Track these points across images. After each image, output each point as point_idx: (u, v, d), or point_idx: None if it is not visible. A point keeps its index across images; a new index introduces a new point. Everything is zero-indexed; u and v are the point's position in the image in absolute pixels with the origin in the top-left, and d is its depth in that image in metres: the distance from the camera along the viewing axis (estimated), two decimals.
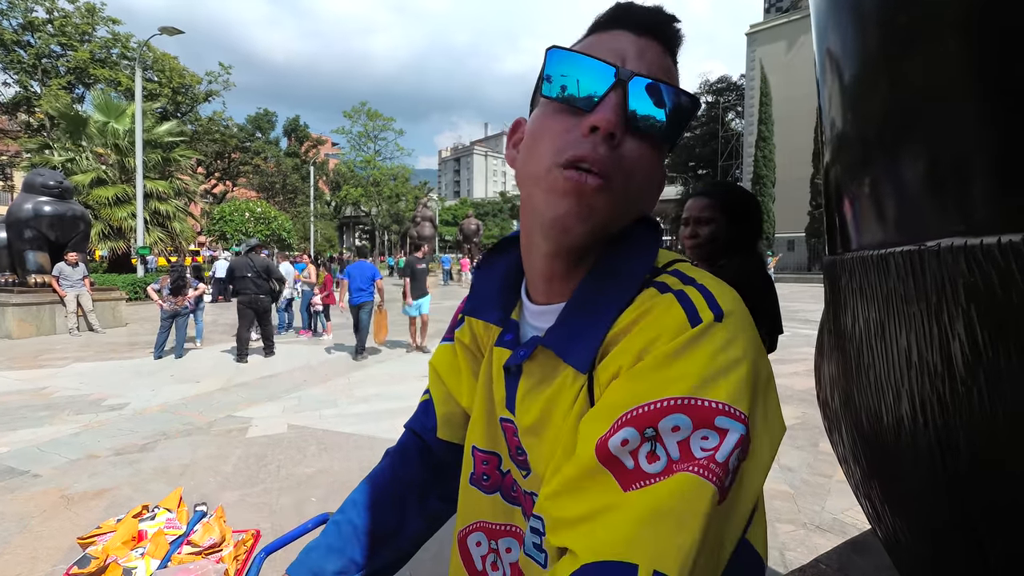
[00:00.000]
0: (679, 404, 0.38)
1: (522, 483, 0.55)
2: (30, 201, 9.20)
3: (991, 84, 0.50)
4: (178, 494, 1.03)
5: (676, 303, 0.42)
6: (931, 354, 0.55)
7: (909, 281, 0.58)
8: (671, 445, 0.37)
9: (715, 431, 0.37)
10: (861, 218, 0.73)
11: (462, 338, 0.64)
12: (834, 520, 2.78)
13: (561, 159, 0.44)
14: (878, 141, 0.67)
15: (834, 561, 1.27)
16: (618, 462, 0.38)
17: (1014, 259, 0.45)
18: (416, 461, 0.70)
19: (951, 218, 0.53)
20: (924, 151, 0.58)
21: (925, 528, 0.66)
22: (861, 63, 0.71)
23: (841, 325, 0.80)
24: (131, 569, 0.78)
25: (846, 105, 0.76)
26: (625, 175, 0.44)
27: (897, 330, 0.61)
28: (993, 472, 0.51)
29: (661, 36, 0.47)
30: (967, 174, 0.53)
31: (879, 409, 0.67)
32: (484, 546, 0.61)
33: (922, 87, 0.57)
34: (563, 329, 0.48)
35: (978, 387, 0.50)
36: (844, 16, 0.73)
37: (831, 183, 0.82)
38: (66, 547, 2.48)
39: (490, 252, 0.62)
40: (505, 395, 0.55)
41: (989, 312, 0.48)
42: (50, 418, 4.41)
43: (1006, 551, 0.52)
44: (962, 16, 0.51)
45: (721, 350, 0.39)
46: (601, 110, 0.43)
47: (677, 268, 0.47)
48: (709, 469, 0.36)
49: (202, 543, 0.89)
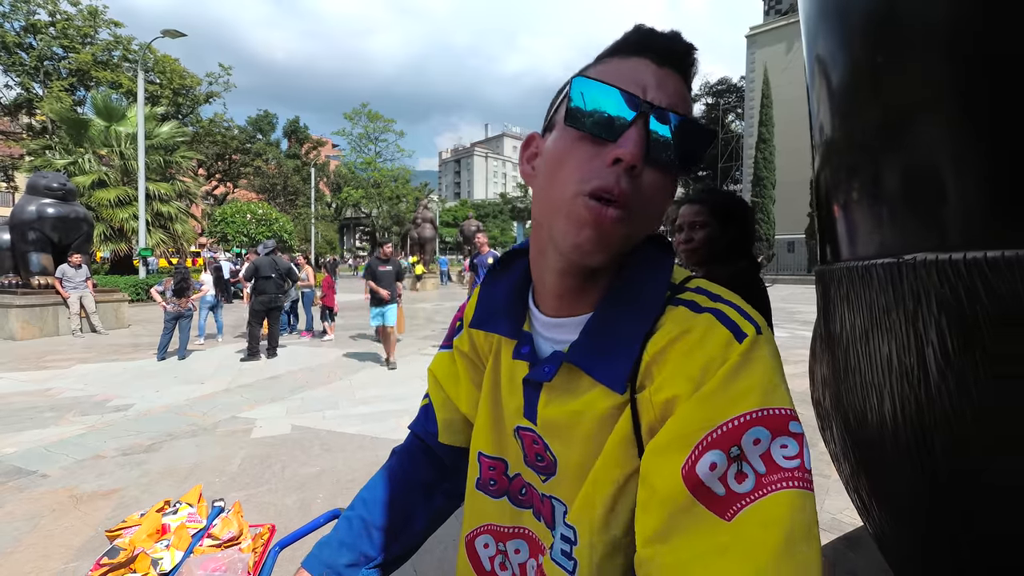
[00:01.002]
0: (756, 417, 0.39)
1: (540, 487, 0.57)
2: (33, 203, 9.24)
3: (959, 114, 0.55)
4: (198, 490, 1.08)
5: (717, 322, 0.44)
6: (908, 358, 0.60)
7: (889, 291, 0.63)
8: (755, 461, 0.38)
9: (791, 436, 0.39)
10: (846, 231, 0.78)
11: (460, 346, 0.66)
12: (832, 519, 2.82)
13: (585, 188, 0.45)
14: (859, 158, 0.73)
15: (828, 555, 1.32)
16: (708, 491, 0.38)
17: (977, 274, 0.50)
18: (421, 461, 0.73)
19: (925, 235, 0.58)
20: (900, 171, 0.63)
21: (907, 520, 0.71)
22: (846, 77, 0.76)
23: (830, 330, 0.85)
24: (158, 560, 0.83)
25: (832, 116, 0.81)
26: (643, 204, 0.46)
27: (879, 336, 0.66)
28: (963, 466, 0.56)
29: (680, 66, 0.48)
30: (939, 195, 0.57)
31: (864, 409, 0.72)
32: (492, 548, 0.63)
33: (898, 112, 0.62)
34: (589, 346, 0.49)
35: (948, 389, 0.54)
36: (829, 33, 0.77)
37: (820, 192, 0.87)
38: (76, 545, 2.52)
39: (495, 267, 0.63)
40: (523, 405, 0.56)
41: (957, 321, 0.53)
42: (56, 419, 4.45)
43: (977, 539, 0.57)
44: (929, 52, 0.56)
45: (772, 360, 0.42)
46: (624, 143, 0.44)
47: (700, 286, 0.49)
48: (804, 480, 0.38)
49: (221, 536, 0.94)
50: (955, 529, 0.60)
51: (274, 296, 7.15)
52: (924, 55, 0.58)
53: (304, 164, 41.09)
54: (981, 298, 0.50)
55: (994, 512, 0.54)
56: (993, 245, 0.49)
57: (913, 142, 0.60)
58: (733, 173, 42.74)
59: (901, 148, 0.62)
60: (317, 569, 0.64)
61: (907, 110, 0.61)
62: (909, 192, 0.63)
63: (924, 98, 0.58)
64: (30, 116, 23.20)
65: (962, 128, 0.55)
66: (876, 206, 0.69)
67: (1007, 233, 0.50)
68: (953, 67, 0.55)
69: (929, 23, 0.57)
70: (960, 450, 0.56)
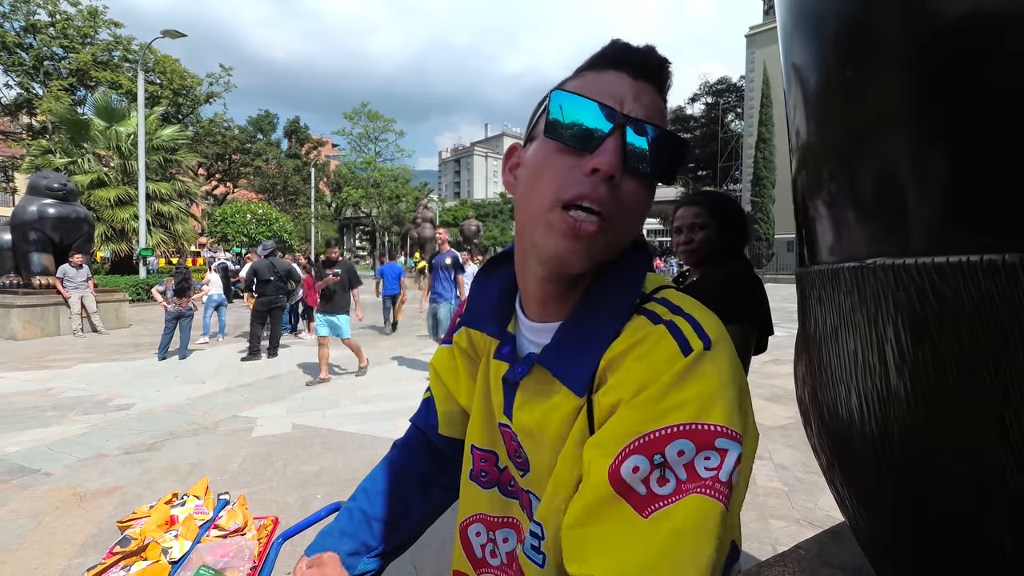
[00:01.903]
0: (682, 430, 0.41)
1: (520, 481, 0.60)
2: (34, 203, 9.28)
3: (912, 129, 0.59)
4: (204, 483, 1.11)
5: (668, 334, 0.45)
6: (871, 356, 0.64)
7: (854, 293, 0.67)
8: (678, 469, 0.41)
9: (716, 451, 0.41)
10: (819, 236, 0.83)
11: (459, 342, 0.68)
12: (827, 516, 2.85)
13: (563, 197, 0.46)
14: (828, 166, 0.77)
15: (813, 547, 1.36)
16: (631, 490, 0.41)
17: (927, 278, 0.54)
18: (420, 453, 0.75)
19: (884, 241, 0.63)
20: (863, 180, 0.68)
21: (875, 509, 0.75)
22: (816, 85, 0.79)
23: (807, 329, 0.90)
24: (167, 548, 0.86)
25: (804, 122, 0.85)
26: (623, 213, 0.47)
27: (846, 335, 0.70)
28: (917, 456, 0.60)
29: (655, 79, 0.50)
30: (895, 204, 0.62)
31: (835, 403, 0.76)
32: (483, 536, 0.66)
33: (861, 123, 0.67)
34: (558, 350, 0.51)
35: (904, 384, 0.59)
36: (801, 41, 0.81)
37: (797, 198, 0.91)
38: (80, 542, 2.56)
39: (486, 268, 0.65)
40: (503, 402, 0.58)
41: (910, 320, 0.57)
42: (58, 418, 4.49)
43: (933, 526, 0.61)
44: (888, 68, 0.61)
45: (714, 377, 0.43)
46: (602, 153, 0.45)
47: (664, 296, 0.51)
48: (716, 489, 0.40)
49: (227, 527, 0.97)
50: (915, 515, 0.64)
51: (274, 297, 7.21)
52: (883, 68, 0.62)
53: (304, 164, 41.14)
54: (930, 300, 0.54)
55: (946, 499, 0.58)
56: (940, 252, 0.53)
57: (873, 153, 0.64)
58: (733, 173, 42.77)
59: (863, 158, 0.66)
60: None
61: (868, 122, 0.65)
62: (870, 200, 0.67)
63: (882, 111, 0.62)
64: (30, 116, 23.21)
65: (915, 141, 0.59)
66: (843, 213, 0.74)
67: (952, 240, 0.54)
68: (906, 83, 0.59)
69: (888, 37, 0.61)
70: (914, 440, 0.60)
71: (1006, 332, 0.47)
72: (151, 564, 0.83)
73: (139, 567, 0.82)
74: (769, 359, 6.92)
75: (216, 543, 0.85)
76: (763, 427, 4.21)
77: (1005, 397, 0.48)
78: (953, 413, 0.54)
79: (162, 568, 0.82)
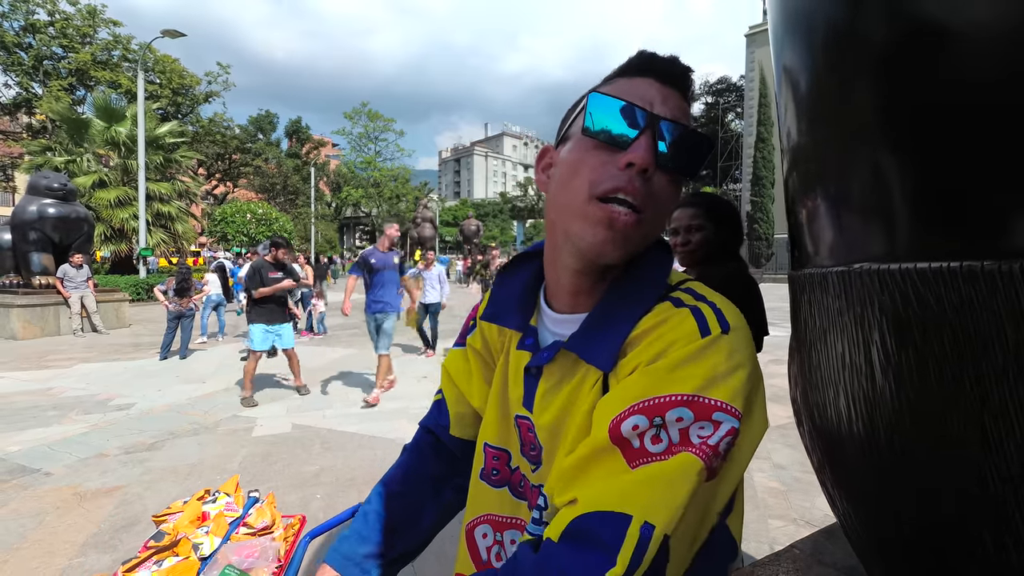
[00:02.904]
0: (685, 400, 0.44)
1: (530, 477, 0.61)
2: (34, 203, 9.29)
3: (894, 137, 0.60)
4: (235, 480, 1.14)
5: (691, 316, 0.49)
6: (858, 357, 0.65)
7: (842, 297, 0.68)
8: (673, 432, 0.44)
9: (712, 423, 0.44)
10: (808, 239, 0.84)
11: (474, 344, 0.70)
12: (824, 516, 2.86)
13: (598, 191, 0.50)
14: (815, 171, 0.78)
15: (808, 546, 1.37)
16: (627, 443, 0.45)
17: (909, 283, 0.55)
18: (430, 456, 0.76)
19: (869, 246, 0.64)
20: (849, 186, 0.69)
21: (864, 509, 0.77)
22: (805, 90, 0.80)
23: (799, 331, 0.91)
24: (198, 544, 0.88)
25: (794, 126, 0.86)
26: (655, 206, 0.51)
27: (835, 337, 0.72)
28: (902, 457, 0.61)
29: (681, 85, 0.54)
30: (879, 210, 0.63)
31: (825, 403, 0.78)
32: (490, 538, 0.67)
33: (847, 130, 0.68)
34: (584, 336, 0.54)
35: (889, 384, 0.60)
36: (792, 46, 0.82)
37: (787, 200, 0.93)
38: (80, 542, 2.57)
39: (509, 265, 0.69)
40: (523, 394, 0.61)
41: (894, 323, 0.58)
42: (59, 418, 4.50)
43: (917, 525, 0.62)
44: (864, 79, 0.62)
45: (725, 358, 0.46)
46: (636, 148, 0.49)
47: (690, 286, 0.54)
48: (702, 450, 0.43)
49: (256, 525, 0.99)
50: (901, 516, 0.66)
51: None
52: (863, 74, 0.63)
53: (304, 164, 41.12)
54: (913, 304, 0.55)
55: (930, 500, 0.60)
56: (921, 257, 0.55)
57: (857, 158, 0.66)
58: (732, 172, 42.78)
59: (848, 163, 0.68)
60: (338, 563, 0.67)
61: (852, 126, 0.67)
62: (855, 205, 0.68)
63: (864, 116, 0.64)
64: (30, 115, 23.21)
65: (897, 149, 0.60)
66: (830, 217, 0.75)
67: (931, 247, 0.55)
68: (883, 90, 0.61)
69: (870, 46, 0.62)
70: (898, 440, 0.61)
71: (985, 337, 0.49)
72: (181, 560, 0.85)
73: (170, 562, 0.84)
74: (769, 359, 6.93)
75: (242, 543, 0.87)
76: None
77: (984, 400, 0.49)
78: (936, 415, 0.55)
79: (191, 565, 0.84)
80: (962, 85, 0.52)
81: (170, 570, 0.82)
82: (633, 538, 0.41)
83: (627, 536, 0.41)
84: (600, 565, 0.41)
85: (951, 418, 0.53)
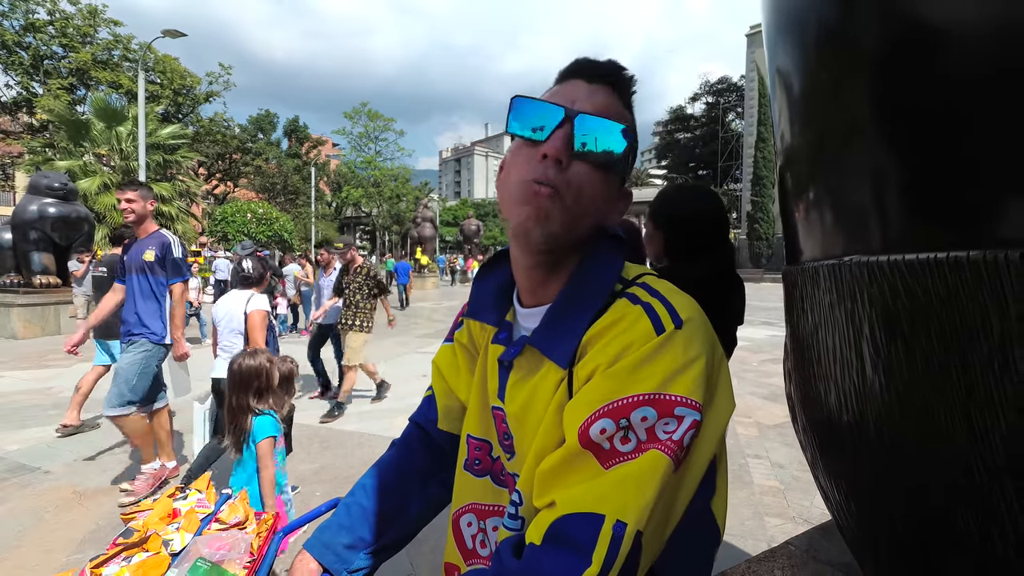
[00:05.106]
0: (647, 399, 0.46)
1: (507, 465, 0.64)
2: (35, 203, 9.29)
3: (882, 132, 0.61)
4: (207, 477, 1.13)
5: (644, 315, 0.51)
6: (849, 351, 0.66)
7: (833, 290, 0.68)
8: (640, 431, 0.46)
9: (675, 419, 0.46)
10: (801, 235, 0.85)
11: (460, 339, 0.74)
12: (822, 514, 2.87)
13: (523, 181, 0.54)
14: (807, 168, 0.79)
15: (803, 543, 1.38)
16: (598, 446, 0.47)
17: (898, 274, 0.55)
18: (418, 450, 0.78)
19: (859, 239, 0.64)
20: (839, 181, 0.69)
21: (855, 503, 0.77)
22: (797, 90, 0.81)
23: (793, 326, 0.91)
24: (168, 540, 0.88)
25: (787, 126, 0.87)
26: (574, 191, 0.54)
27: (827, 331, 0.72)
28: (892, 450, 0.62)
29: (610, 82, 0.57)
30: (868, 204, 0.63)
31: (818, 398, 0.78)
32: (474, 526, 0.68)
33: (837, 126, 0.68)
34: (546, 331, 0.57)
35: (879, 377, 0.60)
36: (784, 47, 0.83)
37: (781, 199, 0.93)
38: (79, 539, 2.58)
39: (486, 265, 0.72)
40: (498, 386, 0.64)
41: (883, 316, 0.59)
42: (59, 417, 4.50)
43: (906, 518, 0.63)
44: (854, 77, 0.62)
45: (681, 352, 0.48)
46: (550, 141, 0.53)
47: (645, 281, 0.56)
48: (668, 446, 0.45)
49: (228, 521, 0.99)
50: (892, 509, 0.66)
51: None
52: (855, 75, 0.64)
53: (304, 163, 41.12)
54: (901, 296, 0.56)
55: (919, 493, 0.60)
56: (909, 249, 0.55)
57: (848, 155, 0.66)
58: (733, 172, 42.78)
59: (839, 160, 0.68)
60: (317, 550, 0.68)
61: (843, 126, 0.67)
62: (845, 199, 0.69)
63: (855, 116, 0.64)
64: (30, 115, 23.22)
65: (885, 143, 0.61)
66: (821, 212, 0.76)
67: (919, 238, 0.56)
68: (874, 89, 0.61)
69: (858, 45, 0.63)
70: (888, 433, 0.62)
71: (971, 329, 0.49)
72: (152, 555, 0.84)
73: (140, 558, 0.83)
74: (768, 358, 6.94)
75: (213, 536, 0.87)
76: (761, 426, 4.23)
77: (970, 392, 0.50)
78: (923, 408, 0.56)
79: (162, 560, 0.84)
80: (950, 82, 0.53)
81: (140, 565, 0.81)
82: (607, 537, 0.43)
83: (600, 536, 0.43)
84: (577, 566, 0.43)
85: (939, 410, 0.53)
